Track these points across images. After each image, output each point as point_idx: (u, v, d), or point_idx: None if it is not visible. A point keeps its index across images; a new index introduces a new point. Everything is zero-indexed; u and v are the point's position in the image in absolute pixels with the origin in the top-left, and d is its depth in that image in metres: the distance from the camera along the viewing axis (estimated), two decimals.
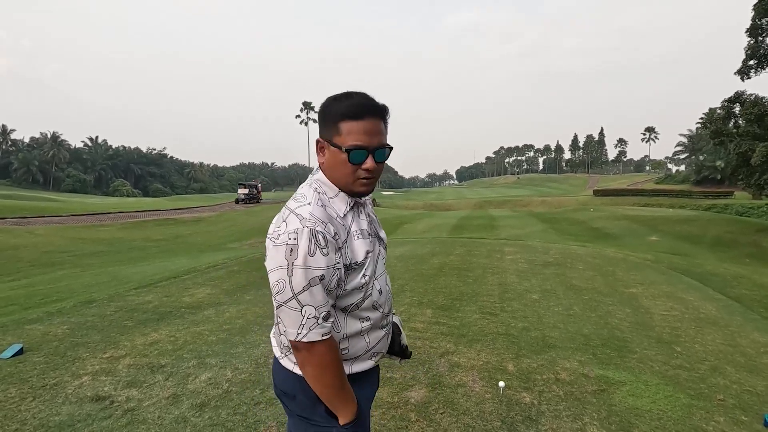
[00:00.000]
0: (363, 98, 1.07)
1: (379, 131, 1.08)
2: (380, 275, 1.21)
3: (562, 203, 46.33)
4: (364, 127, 1.06)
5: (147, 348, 3.48)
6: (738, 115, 19.98)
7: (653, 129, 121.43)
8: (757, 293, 7.14)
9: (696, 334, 4.17)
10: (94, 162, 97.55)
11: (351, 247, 1.11)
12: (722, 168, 50.64)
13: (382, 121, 1.10)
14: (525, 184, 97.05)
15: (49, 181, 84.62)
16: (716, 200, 43.13)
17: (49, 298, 5.61)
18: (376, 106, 1.08)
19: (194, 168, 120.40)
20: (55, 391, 2.72)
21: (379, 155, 1.09)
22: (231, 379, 2.93)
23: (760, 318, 5.14)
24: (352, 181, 1.10)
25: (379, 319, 1.20)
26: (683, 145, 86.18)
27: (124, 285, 6.11)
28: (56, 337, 3.68)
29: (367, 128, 1.06)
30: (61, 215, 24.34)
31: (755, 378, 3.21)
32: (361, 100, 1.07)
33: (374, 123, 1.07)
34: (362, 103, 1.07)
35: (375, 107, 1.08)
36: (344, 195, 1.14)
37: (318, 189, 1.12)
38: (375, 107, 1.08)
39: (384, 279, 1.24)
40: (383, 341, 1.24)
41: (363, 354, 1.19)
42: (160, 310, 4.61)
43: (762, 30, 18.85)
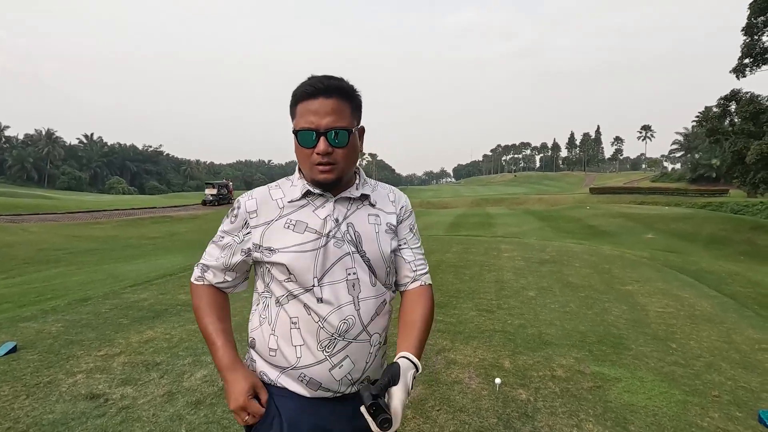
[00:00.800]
0: (317, 78, 0.99)
1: (330, 111, 0.97)
2: (331, 282, 1.01)
3: (558, 201, 46.48)
4: (314, 107, 0.97)
5: (142, 346, 3.46)
6: (733, 113, 20.06)
7: (649, 127, 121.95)
8: (752, 290, 7.18)
9: (691, 330, 4.19)
10: (89, 159, 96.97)
11: (269, 230, 1.04)
12: (717, 166, 50.96)
13: (338, 100, 0.98)
14: (522, 181, 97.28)
15: (44, 179, 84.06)
16: (711, 198, 43.34)
17: (43, 295, 5.57)
18: (328, 84, 0.97)
19: (191, 165, 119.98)
20: (48, 389, 2.70)
21: (332, 138, 0.97)
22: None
23: (754, 315, 5.17)
24: (310, 168, 1.01)
25: (315, 332, 1.00)
26: (679, 144, 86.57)
27: (120, 282, 6.08)
28: (50, 335, 3.65)
29: (316, 108, 0.97)
30: (55, 213, 24.19)
31: (750, 374, 3.23)
32: (314, 80, 0.99)
33: (325, 103, 0.97)
34: (312, 82, 0.98)
35: (326, 86, 0.97)
36: (303, 183, 1.06)
37: (290, 176, 1.13)
38: (326, 86, 0.97)
39: (342, 291, 1.02)
40: (320, 369, 1.00)
41: (290, 369, 1.01)
42: (156, 308, 4.58)
43: (757, 28, 18.91)
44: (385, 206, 1.14)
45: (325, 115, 0.97)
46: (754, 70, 19.43)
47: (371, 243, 1.06)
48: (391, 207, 1.15)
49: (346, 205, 1.07)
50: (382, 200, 1.14)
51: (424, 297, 1.12)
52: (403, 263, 1.14)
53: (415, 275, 1.14)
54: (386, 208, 1.13)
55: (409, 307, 1.10)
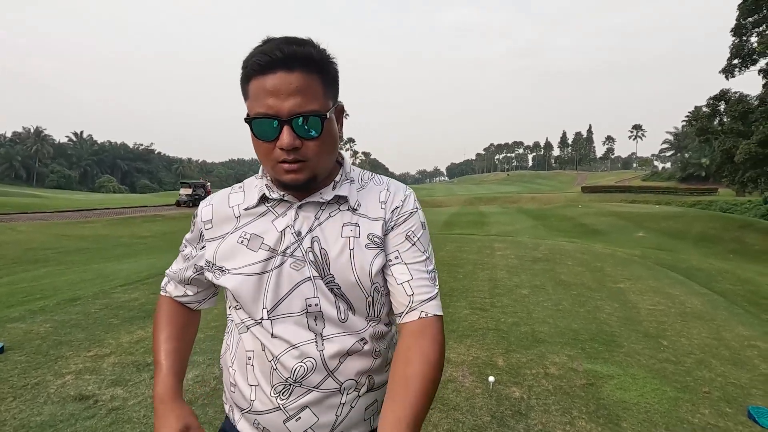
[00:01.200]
0: (274, 44, 0.71)
1: (295, 91, 0.70)
2: (287, 315, 0.79)
3: (551, 200, 46.78)
4: (273, 85, 0.70)
5: (133, 346, 3.41)
6: (723, 112, 20.32)
7: (640, 127, 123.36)
8: (741, 288, 7.28)
9: (682, 328, 4.23)
10: (79, 157, 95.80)
11: (222, 245, 0.83)
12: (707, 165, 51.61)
13: (304, 74, 0.71)
14: (515, 180, 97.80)
15: (33, 177, 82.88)
16: (701, 197, 43.94)
17: (31, 295, 5.48)
18: (289, 53, 0.70)
19: (183, 164, 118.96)
20: (36, 390, 2.65)
21: (300, 126, 0.72)
22: (219, 376, 2.89)
23: (743, 312, 5.24)
24: (272, 167, 0.76)
25: (268, 374, 0.79)
26: (669, 143, 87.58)
27: (110, 282, 6.00)
28: (39, 336, 3.59)
29: (276, 87, 0.70)
30: (44, 211, 23.86)
31: (739, 371, 3.27)
32: (270, 45, 0.71)
33: (287, 78, 0.70)
34: (267, 49, 0.71)
35: (287, 55, 0.69)
36: (263, 184, 0.84)
37: (258, 175, 0.89)
38: (287, 55, 0.69)
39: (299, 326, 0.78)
40: (273, 419, 0.79)
41: (246, 411, 0.83)
42: (147, 308, 4.53)
43: (746, 30, 19.15)
44: (372, 210, 0.84)
45: (287, 95, 0.70)
46: (743, 70, 19.69)
47: (341, 264, 0.78)
48: (380, 210, 0.84)
49: (314, 211, 0.81)
50: (369, 202, 0.85)
51: (425, 337, 0.77)
52: (395, 285, 0.81)
53: (412, 303, 0.80)
54: (372, 213, 0.83)
55: (402, 353, 0.76)
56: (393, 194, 0.87)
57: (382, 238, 0.82)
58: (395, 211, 0.84)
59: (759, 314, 5.58)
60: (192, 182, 35.69)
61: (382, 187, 0.88)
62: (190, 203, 32.43)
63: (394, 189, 0.88)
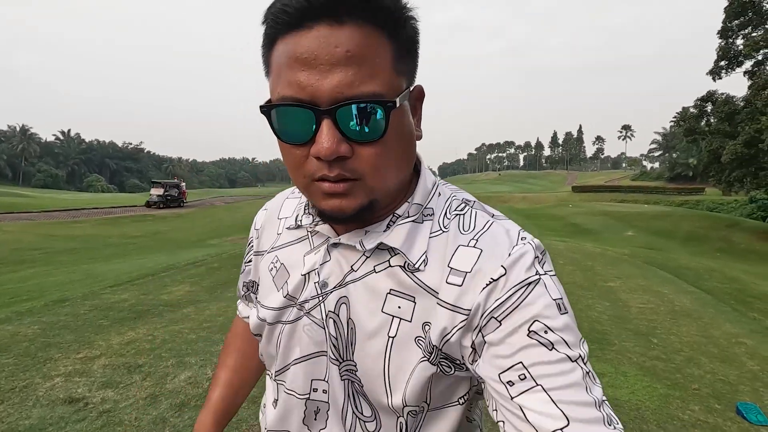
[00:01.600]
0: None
1: (345, 59, 0.42)
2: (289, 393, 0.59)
3: (542, 199, 47.16)
4: (306, 47, 0.42)
5: (123, 347, 3.37)
6: (710, 113, 20.67)
7: (630, 127, 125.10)
8: (728, 286, 7.41)
9: (671, 326, 4.29)
10: (66, 156, 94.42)
11: (258, 265, 0.68)
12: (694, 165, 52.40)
13: (361, 28, 0.43)
14: (506, 180, 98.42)
15: (19, 176, 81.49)
16: (689, 196, 44.61)
17: (18, 297, 5.38)
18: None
19: (173, 163, 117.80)
20: (25, 393, 2.61)
21: (349, 121, 0.43)
22: (211, 377, 2.86)
23: (731, 310, 5.34)
24: (305, 186, 0.49)
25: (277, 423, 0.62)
26: (658, 143, 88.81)
27: (99, 283, 5.92)
28: (26, 338, 3.53)
29: (310, 51, 0.42)
30: (31, 211, 23.46)
31: (727, 367, 3.32)
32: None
33: (333, 36, 0.42)
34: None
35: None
36: (302, 202, 0.62)
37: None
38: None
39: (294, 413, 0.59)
40: None
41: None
42: (137, 309, 4.48)
43: (732, 32, 19.49)
44: (441, 280, 0.50)
45: (330, 66, 0.42)
46: (729, 72, 20.03)
47: (371, 356, 0.52)
48: (453, 290, 0.49)
49: (353, 254, 0.54)
50: (441, 263, 0.51)
51: None
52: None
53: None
54: (440, 287, 0.50)
55: None
56: (484, 258, 0.49)
57: (438, 344, 0.49)
58: (491, 293, 0.47)
59: (746, 312, 5.69)
60: (164, 182, 32.30)
61: (468, 236, 0.51)
62: (161, 204, 29.53)
63: (489, 246, 0.49)
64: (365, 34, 0.43)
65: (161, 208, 28.83)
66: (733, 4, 18.85)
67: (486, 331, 0.47)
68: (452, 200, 0.56)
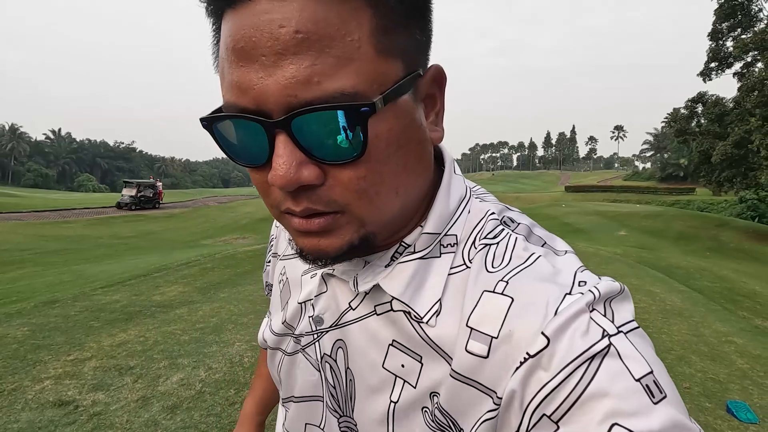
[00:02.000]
0: None
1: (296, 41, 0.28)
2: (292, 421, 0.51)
3: (535, 199, 47.42)
4: (243, 31, 0.30)
5: (114, 349, 3.33)
6: (700, 114, 20.93)
7: (622, 127, 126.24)
8: (718, 285, 7.50)
9: (663, 325, 4.33)
10: (57, 156, 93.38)
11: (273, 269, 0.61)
12: (685, 165, 53.00)
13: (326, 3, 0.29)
14: (500, 180, 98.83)
15: (8, 176, 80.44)
16: (680, 196, 45.13)
17: (7, 298, 5.31)
18: None
19: (165, 162, 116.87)
20: (13, 396, 2.57)
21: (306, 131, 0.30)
22: (204, 379, 2.85)
23: (721, 309, 5.40)
24: (276, 217, 0.38)
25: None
26: (649, 144, 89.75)
27: (90, 284, 5.86)
28: (15, 340, 3.48)
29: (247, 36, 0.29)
30: (20, 211, 23.16)
31: (717, 366, 3.36)
32: None
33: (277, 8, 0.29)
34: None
35: None
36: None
37: None
38: None
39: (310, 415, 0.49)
40: None
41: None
42: (129, 310, 4.43)
43: (722, 34, 19.74)
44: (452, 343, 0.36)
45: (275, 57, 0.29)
46: (719, 73, 20.29)
47: (371, 419, 0.41)
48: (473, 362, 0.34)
49: (349, 290, 0.44)
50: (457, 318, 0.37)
51: None
52: None
53: None
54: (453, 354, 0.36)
55: None
56: (515, 314, 0.34)
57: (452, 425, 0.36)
58: (529, 377, 0.31)
59: (735, 311, 5.76)
60: (138, 181, 29.72)
61: (496, 276, 0.36)
62: (133, 206, 27.08)
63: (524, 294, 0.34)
64: (324, 2, 0.29)
65: (133, 210, 26.75)
66: (723, 7, 19.10)
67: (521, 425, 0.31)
68: (487, 221, 0.40)
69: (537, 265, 0.36)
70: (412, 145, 0.35)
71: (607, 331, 0.31)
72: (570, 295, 0.33)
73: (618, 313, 0.32)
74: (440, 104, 0.38)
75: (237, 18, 0.30)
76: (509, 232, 0.39)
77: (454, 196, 0.41)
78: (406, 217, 0.39)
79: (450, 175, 0.42)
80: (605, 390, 0.29)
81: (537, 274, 0.35)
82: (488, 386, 0.33)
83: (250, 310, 4.41)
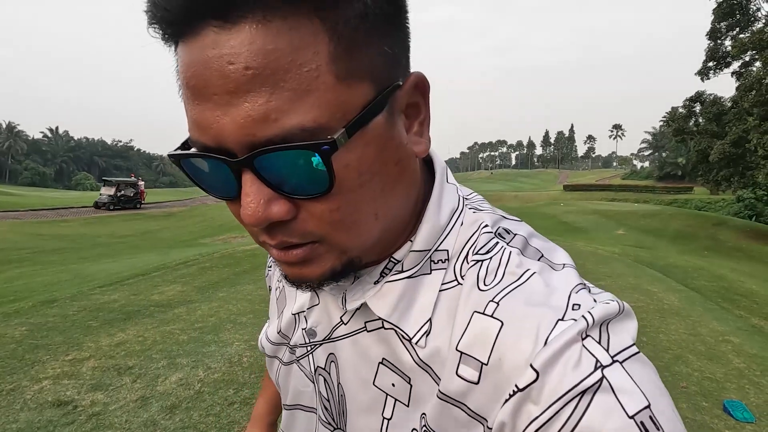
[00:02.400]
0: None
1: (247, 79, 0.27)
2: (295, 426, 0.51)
3: (533, 198, 47.48)
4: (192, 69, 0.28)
5: (113, 349, 3.33)
6: (698, 113, 20.99)
7: (620, 126, 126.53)
8: (715, 284, 7.53)
9: (660, 324, 4.35)
10: (54, 154, 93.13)
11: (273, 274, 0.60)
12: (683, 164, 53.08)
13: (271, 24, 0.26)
14: (498, 179, 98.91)
15: (5, 175, 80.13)
16: (678, 195, 45.27)
17: (5, 297, 5.30)
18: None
19: (163, 161, 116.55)
20: (12, 396, 2.57)
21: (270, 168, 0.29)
22: (203, 379, 2.85)
23: (718, 308, 5.42)
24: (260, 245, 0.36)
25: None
26: (648, 143, 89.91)
27: (88, 283, 5.85)
28: (13, 340, 3.48)
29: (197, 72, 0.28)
30: (17, 210, 23.10)
31: (714, 365, 3.38)
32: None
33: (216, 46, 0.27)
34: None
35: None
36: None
37: None
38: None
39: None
40: None
41: None
42: (127, 309, 4.43)
43: (720, 33, 19.77)
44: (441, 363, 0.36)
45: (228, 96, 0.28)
46: (717, 72, 20.34)
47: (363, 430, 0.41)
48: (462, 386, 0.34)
49: (338, 306, 0.43)
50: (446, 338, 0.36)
51: None
52: None
53: None
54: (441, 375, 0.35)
55: None
56: (504, 341, 0.32)
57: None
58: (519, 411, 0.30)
59: (732, 310, 5.79)
60: (117, 180, 28.16)
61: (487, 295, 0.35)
62: (111, 206, 25.62)
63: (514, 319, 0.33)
64: (274, 32, 0.27)
65: (111, 210, 25.38)
66: (722, 6, 19.12)
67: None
68: (481, 234, 0.38)
69: (530, 284, 0.34)
70: (389, 167, 0.33)
71: (601, 362, 0.29)
72: (562, 321, 0.31)
73: (615, 337, 0.30)
74: (425, 113, 0.36)
75: (187, 52, 0.29)
76: (504, 246, 0.37)
77: (445, 209, 0.40)
78: (394, 235, 0.38)
79: (441, 186, 0.41)
80: (596, 429, 0.27)
81: (529, 294, 0.33)
82: (478, 413, 0.33)
83: (248, 310, 4.41)
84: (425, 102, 0.36)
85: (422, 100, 0.35)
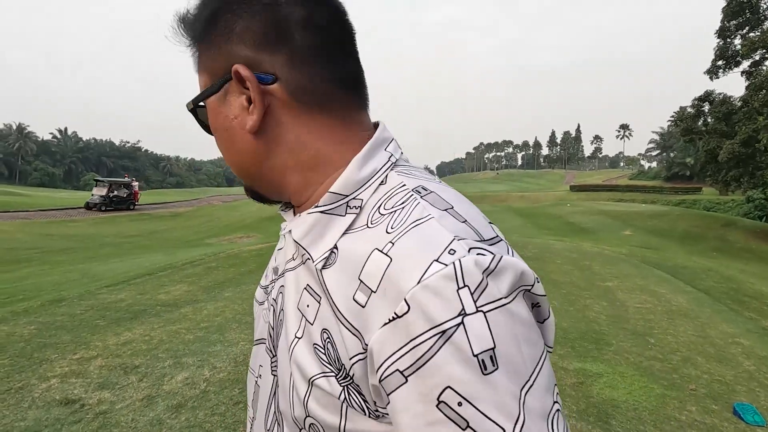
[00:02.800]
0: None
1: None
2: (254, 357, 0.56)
3: (539, 198, 47.23)
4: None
5: (120, 348, 3.36)
6: (707, 113, 20.73)
7: (627, 126, 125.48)
8: (725, 285, 7.43)
9: (668, 325, 4.30)
10: (63, 155, 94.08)
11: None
12: (692, 165, 52.58)
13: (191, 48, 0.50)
14: (504, 179, 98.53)
15: (15, 175, 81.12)
16: (686, 196, 44.78)
17: (14, 297, 5.36)
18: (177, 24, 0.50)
19: (170, 162, 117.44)
20: (20, 394, 2.59)
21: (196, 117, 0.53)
22: (209, 378, 2.86)
23: (727, 309, 5.35)
24: None
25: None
26: (655, 143, 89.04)
27: (96, 282, 5.90)
28: (22, 338, 3.51)
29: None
30: (27, 210, 23.36)
31: (724, 368, 3.33)
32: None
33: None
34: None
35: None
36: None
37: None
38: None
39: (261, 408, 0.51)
40: None
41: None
42: (134, 309, 4.46)
43: (730, 32, 19.54)
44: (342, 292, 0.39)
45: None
46: (727, 71, 20.09)
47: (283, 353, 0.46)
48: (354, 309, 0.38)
49: (292, 245, 0.49)
50: (351, 271, 0.39)
51: None
52: None
53: None
54: (338, 300, 0.40)
55: None
56: (391, 275, 0.35)
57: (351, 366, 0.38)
58: (389, 337, 0.34)
59: (741, 311, 5.71)
60: (110, 180, 27.49)
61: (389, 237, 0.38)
62: (103, 207, 25.18)
63: (401, 256, 0.36)
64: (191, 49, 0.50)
65: (104, 211, 24.90)
66: (731, 4, 18.90)
67: (388, 385, 0.34)
68: (397, 191, 0.42)
69: (424, 227, 0.37)
70: (220, 132, 0.48)
71: (466, 309, 0.32)
72: (437, 263, 0.34)
73: (489, 290, 0.33)
74: (246, 97, 0.44)
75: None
76: (419, 199, 0.40)
77: (368, 167, 0.45)
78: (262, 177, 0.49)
79: (372, 149, 0.46)
80: (445, 362, 0.31)
81: (419, 236, 0.36)
82: (361, 332, 0.37)
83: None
84: (247, 89, 0.44)
85: (241, 88, 0.44)
